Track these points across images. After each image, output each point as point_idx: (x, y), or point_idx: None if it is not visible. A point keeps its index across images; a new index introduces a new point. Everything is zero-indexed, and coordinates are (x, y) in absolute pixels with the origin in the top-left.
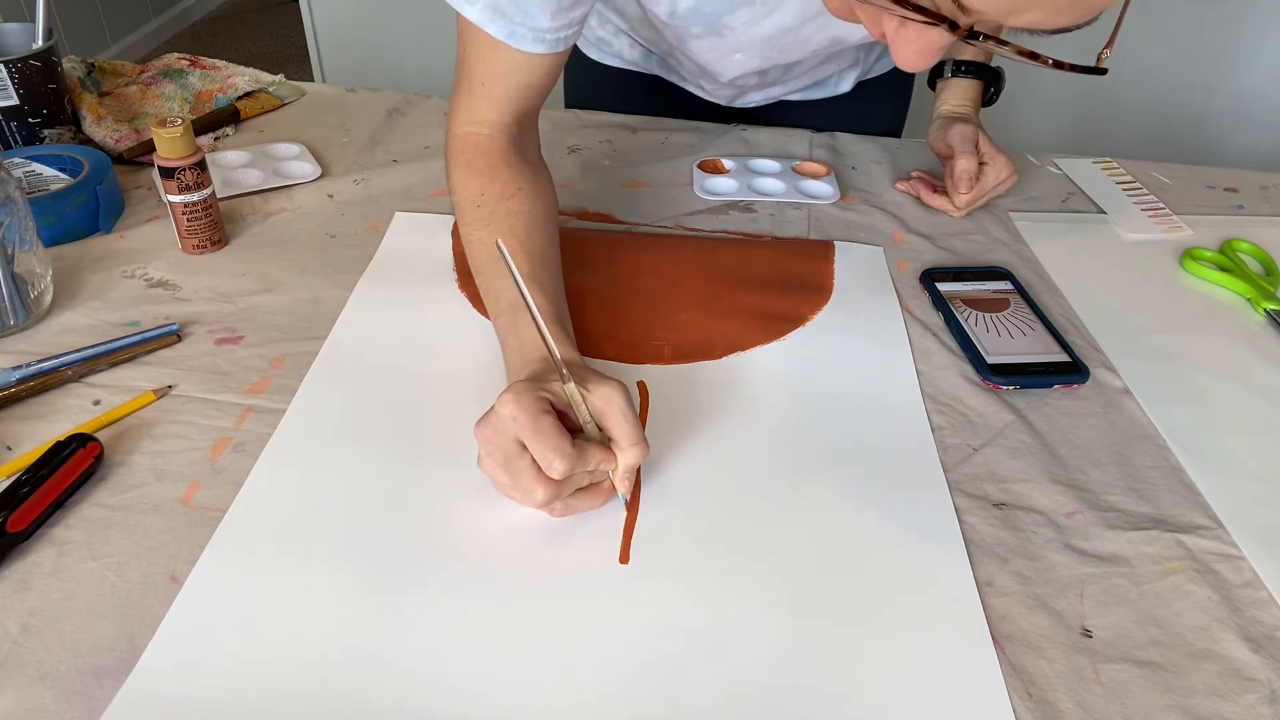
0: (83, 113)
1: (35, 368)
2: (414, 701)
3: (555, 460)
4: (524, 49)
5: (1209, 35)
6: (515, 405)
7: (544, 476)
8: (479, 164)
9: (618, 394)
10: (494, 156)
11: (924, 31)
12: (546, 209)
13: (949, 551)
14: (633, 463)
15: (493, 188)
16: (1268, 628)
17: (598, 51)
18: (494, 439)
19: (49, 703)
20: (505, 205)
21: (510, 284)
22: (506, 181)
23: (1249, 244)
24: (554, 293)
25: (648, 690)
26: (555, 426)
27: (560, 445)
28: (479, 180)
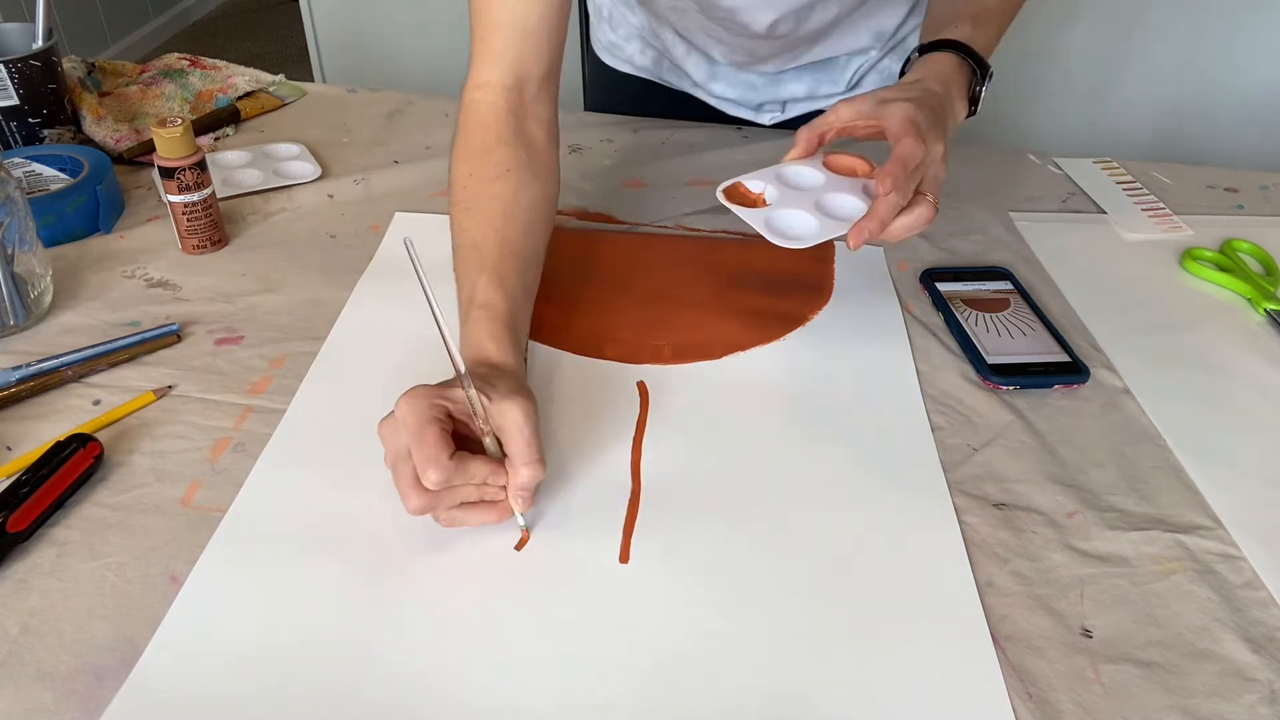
0: (83, 113)
1: (35, 368)
2: (414, 701)
3: (429, 470)
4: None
5: (1210, 35)
6: (407, 409)
7: (419, 485)
8: (474, 139)
9: (518, 409)
10: (490, 131)
11: None
12: (534, 196)
13: (949, 552)
14: (524, 482)
15: (481, 168)
16: (1268, 628)
17: (610, 56)
18: (388, 439)
19: (49, 703)
20: (490, 188)
21: (472, 276)
22: (496, 162)
23: (1249, 244)
24: (516, 288)
25: (647, 690)
26: (438, 436)
27: (436, 456)
28: (471, 159)
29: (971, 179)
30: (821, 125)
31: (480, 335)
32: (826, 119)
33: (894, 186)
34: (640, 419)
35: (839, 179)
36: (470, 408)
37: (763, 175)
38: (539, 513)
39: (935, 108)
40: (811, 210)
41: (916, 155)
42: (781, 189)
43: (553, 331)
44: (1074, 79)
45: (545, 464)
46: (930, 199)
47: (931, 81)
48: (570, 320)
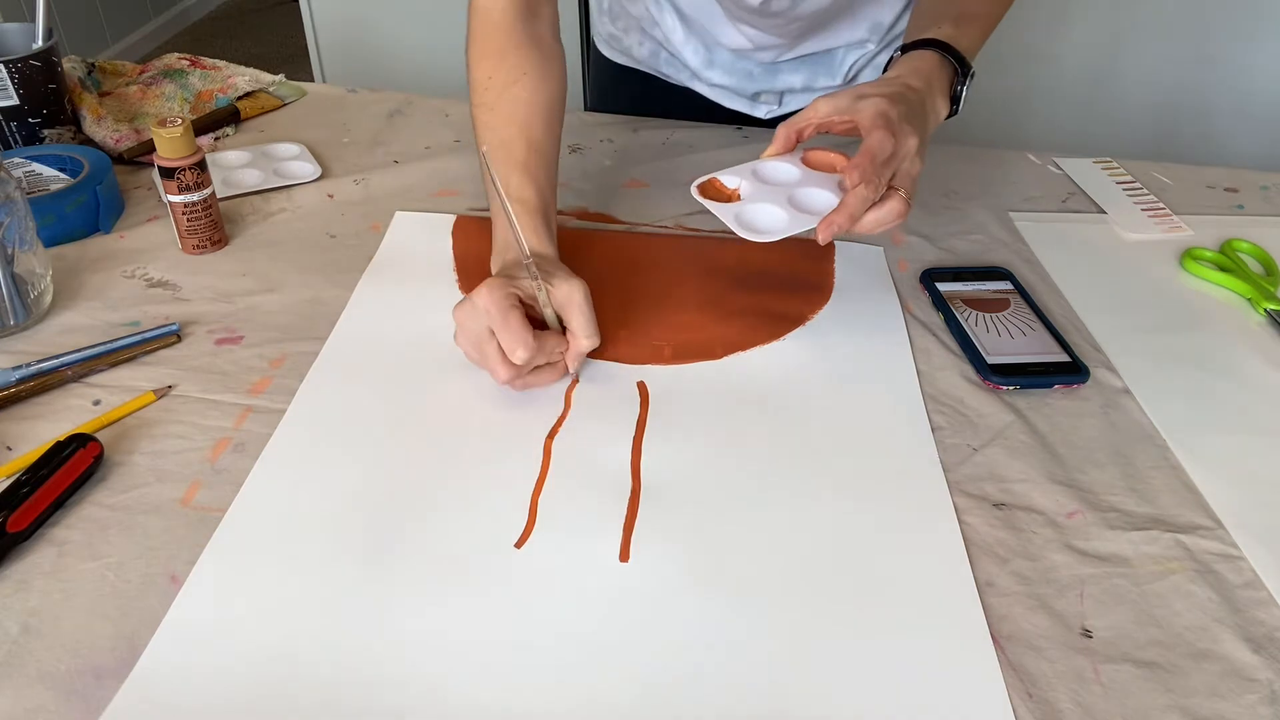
0: (83, 113)
1: (35, 368)
2: (414, 700)
3: (519, 349)
4: None
5: (1209, 35)
6: (489, 298)
7: (508, 360)
8: (490, 44)
9: (578, 291)
10: (503, 36)
11: None
12: (550, 95)
13: (949, 551)
14: (584, 350)
15: (499, 71)
16: (1268, 628)
17: (609, 49)
18: (468, 323)
19: (49, 703)
20: (510, 91)
21: (504, 172)
22: (513, 66)
23: (1249, 244)
24: (545, 184)
25: (647, 688)
26: (521, 321)
27: (524, 338)
28: (488, 61)
29: (971, 179)
30: (799, 121)
31: (524, 228)
32: (805, 115)
33: (862, 179)
34: (640, 419)
35: (815, 174)
36: (536, 295)
37: (739, 171)
38: (539, 512)
39: (912, 103)
40: (783, 205)
41: (885, 148)
42: (756, 184)
43: None
44: (1074, 79)
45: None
46: (902, 194)
47: (911, 78)
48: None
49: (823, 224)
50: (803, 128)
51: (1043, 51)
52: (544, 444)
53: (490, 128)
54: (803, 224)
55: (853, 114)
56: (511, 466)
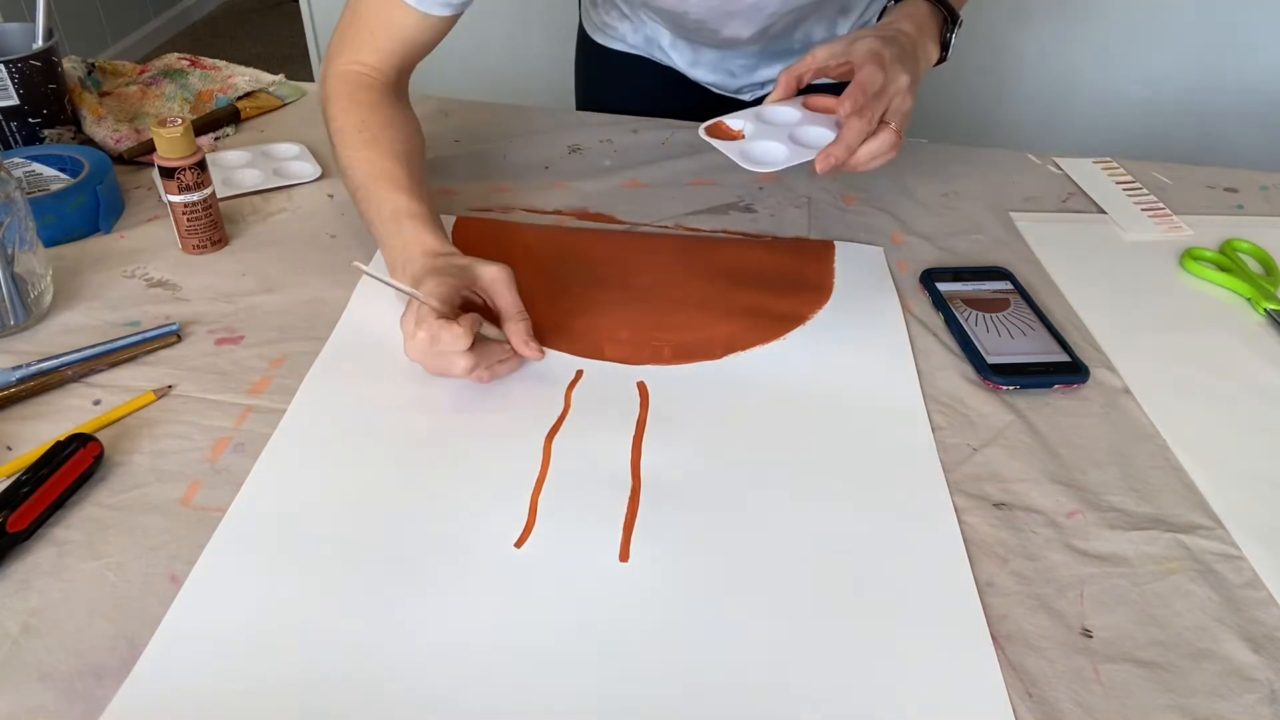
0: (83, 113)
1: (35, 368)
2: (413, 700)
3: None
4: (433, 13)
5: (1209, 35)
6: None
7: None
8: (361, 97)
9: (502, 275)
10: (375, 93)
11: None
12: (418, 145)
13: (949, 551)
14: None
15: (375, 117)
16: (1268, 628)
17: (602, 35)
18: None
19: (49, 703)
20: (387, 132)
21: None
22: (387, 116)
23: (1249, 244)
24: (429, 200)
25: (647, 688)
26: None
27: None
28: (362, 110)
29: (971, 179)
30: (799, 68)
31: (423, 235)
32: (804, 61)
33: (853, 109)
34: (640, 419)
35: (815, 115)
36: None
37: (743, 115)
38: (539, 510)
39: (904, 45)
40: (784, 141)
41: (875, 80)
42: (759, 125)
43: (553, 331)
44: (1074, 78)
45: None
46: (894, 126)
47: (903, 23)
48: (570, 320)
49: (821, 155)
50: (802, 73)
51: (1043, 52)
52: (544, 444)
53: (369, 161)
54: (802, 155)
55: (848, 55)
56: (511, 466)
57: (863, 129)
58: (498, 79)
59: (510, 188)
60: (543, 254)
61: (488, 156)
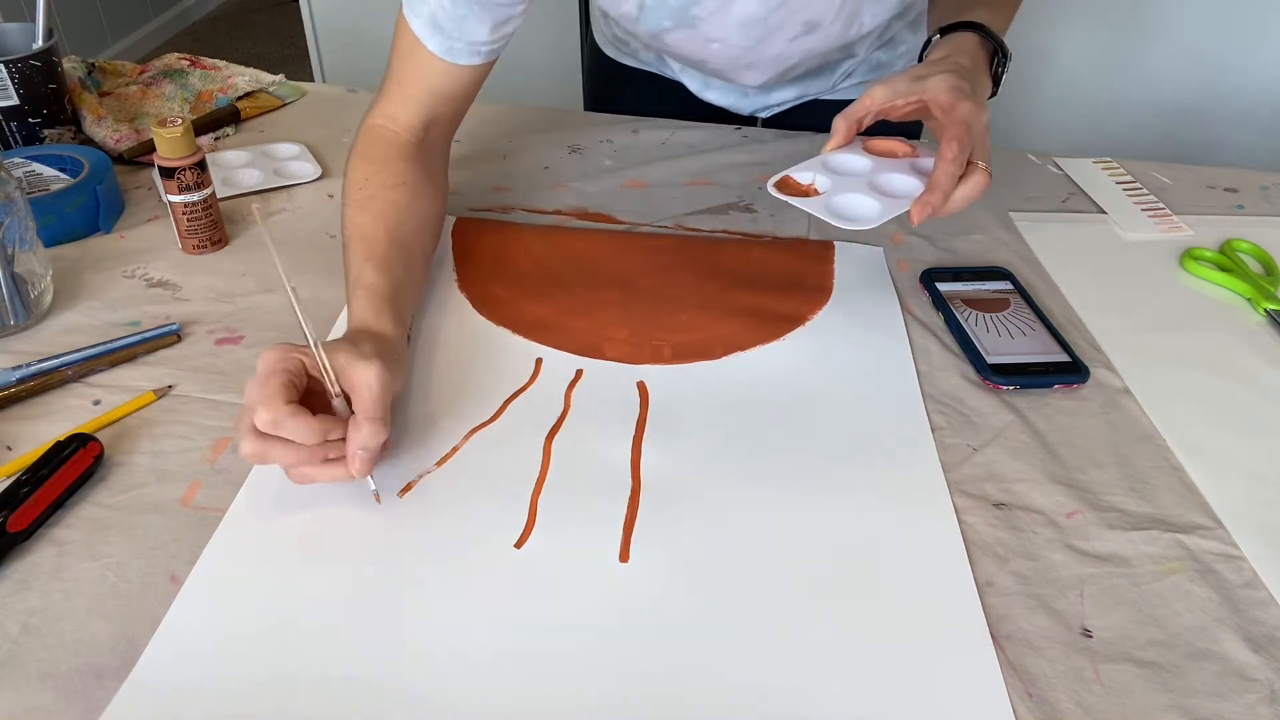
0: (83, 113)
1: (35, 368)
2: (413, 700)
3: (260, 409)
4: (460, 63)
5: (1209, 35)
6: (262, 360)
7: (253, 428)
8: (375, 152)
9: (371, 371)
10: (392, 150)
11: None
12: (425, 210)
13: (949, 551)
14: (365, 440)
15: (379, 175)
16: (1268, 628)
17: (614, 50)
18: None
19: (49, 703)
20: (386, 193)
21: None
22: (395, 173)
23: (1249, 244)
24: (400, 275)
25: (647, 689)
26: (279, 384)
27: (272, 400)
28: (369, 165)
29: None
30: (859, 110)
31: (363, 308)
32: (862, 103)
33: (961, 150)
34: (640, 419)
35: (886, 160)
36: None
37: (809, 166)
38: (538, 512)
39: (971, 78)
40: (868, 192)
41: (979, 118)
42: (831, 176)
43: (553, 332)
44: (1074, 79)
45: (388, 428)
46: (983, 166)
47: (960, 57)
48: (570, 320)
49: (918, 204)
50: (861, 116)
51: (1043, 52)
52: (544, 444)
53: (356, 224)
54: (895, 208)
55: (918, 94)
56: (511, 466)
57: (955, 173)
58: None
59: (510, 188)
60: (543, 254)
61: (488, 156)
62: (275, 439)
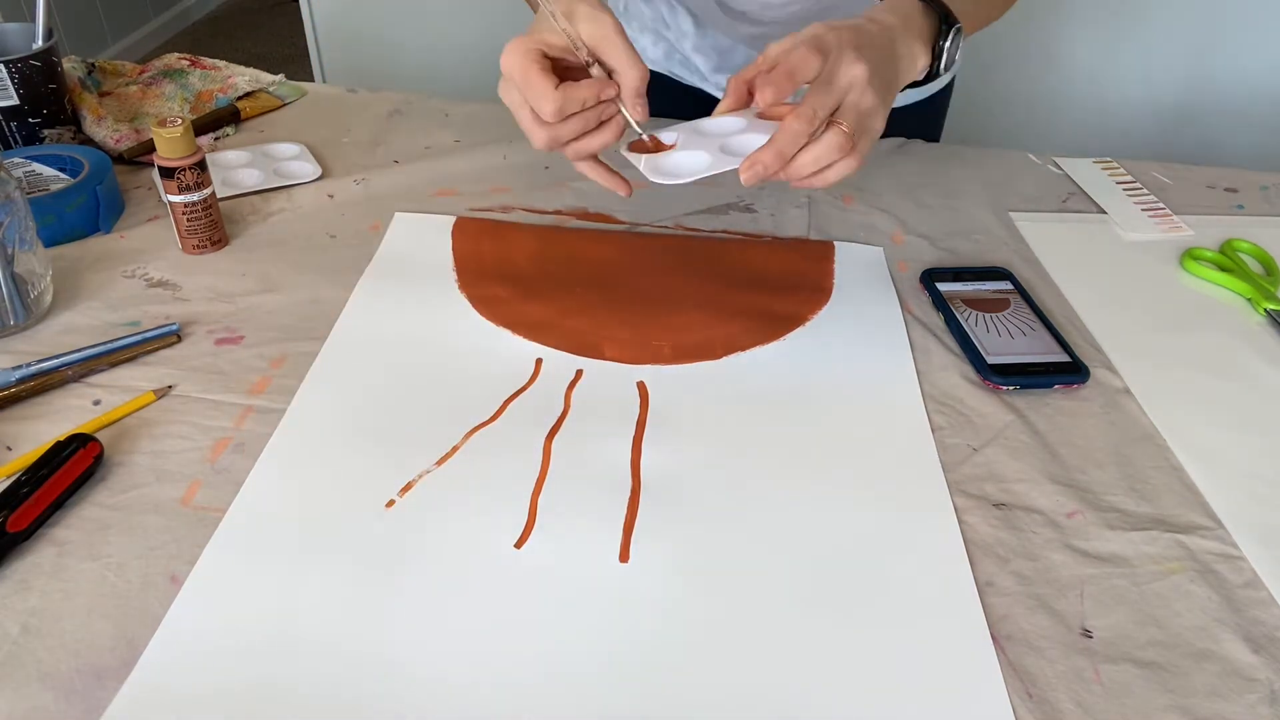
0: (83, 113)
1: (35, 368)
2: (413, 700)
3: (542, 104)
4: None
5: (1210, 35)
6: (509, 60)
7: (539, 121)
8: None
9: (607, 23)
10: None
11: None
12: None
13: (949, 551)
14: (634, 84)
15: None
16: (1268, 628)
17: None
18: (507, 96)
19: (49, 703)
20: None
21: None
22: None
23: (1249, 244)
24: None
25: (647, 689)
26: (540, 74)
27: (544, 90)
28: None
29: (971, 179)
30: (749, 71)
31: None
32: (754, 64)
33: (775, 96)
34: (640, 419)
35: (759, 122)
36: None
37: (681, 126)
38: (538, 511)
39: (871, 34)
40: (712, 151)
41: (807, 65)
42: (691, 136)
43: (553, 332)
44: (1074, 79)
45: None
46: (844, 127)
47: (881, 14)
48: (570, 320)
49: (744, 164)
50: (752, 77)
51: (1044, 51)
52: (544, 444)
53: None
54: (724, 165)
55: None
56: (511, 466)
57: (799, 130)
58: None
59: (510, 188)
60: (543, 254)
61: (488, 156)
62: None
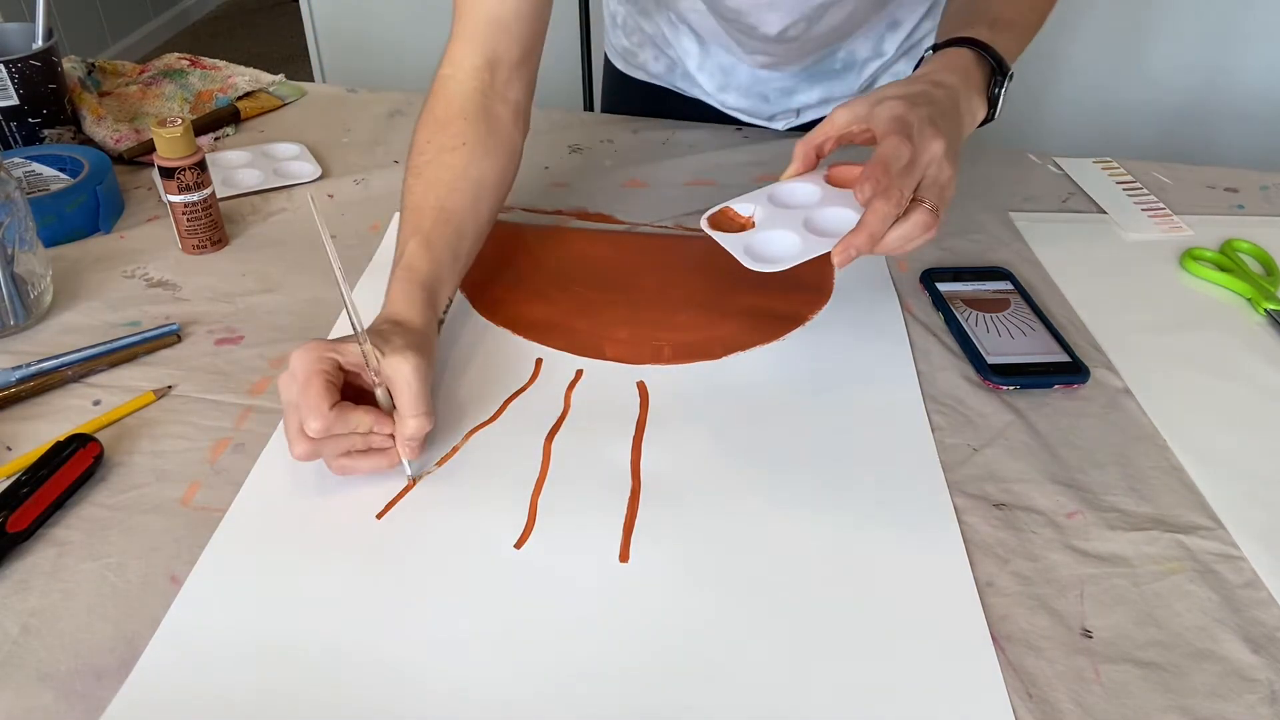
0: (83, 113)
1: (35, 368)
2: (413, 700)
3: (310, 419)
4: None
5: (1209, 35)
6: (299, 360)
7: (303, 432)
8: (438, 110)
9: (408, 364)
10: (454, 105)
11: None
12: (486, 169)
13: (949, 552)
14: (412, 432)
15: (439, 137)
16: (1268, 628)
17: (624, 63)
18: (283, 390)
19: (49, 703)
20: (443, 157)
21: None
22: (455, 133)
23: (1249, 244)
24: (443, 255)
25: (646, 689)
26: (321, 388)
27: (318, 406)
28: (431, 127)
29: (971, 179)
30: (819, 136)
31: (397, 295)
32: (822, 128)
33: (874, 191)
34: (640, 419)
35: (838, 192)
36: (364, 360)
37: (754, 197)
38: (538, 513)
39: (939, 103)
40: (798, 229)
41: (901, 156)
42: (771, 210)
43: (554, 332)
44: (1074, 79)
45: (433, 417)
46: (928, 205)
47: (942, 74)
48: (570, 320)
49: (838, 247)
50: (821, 142)
51: (1044, 52)
52: (544, 444)
53: (410, 192)
54: (818, 248)
55: (870, 121)
56: (511, 466)
57: (888, 212)
58: None
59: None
60: (543, 254)
61: None
62: (326, 439)
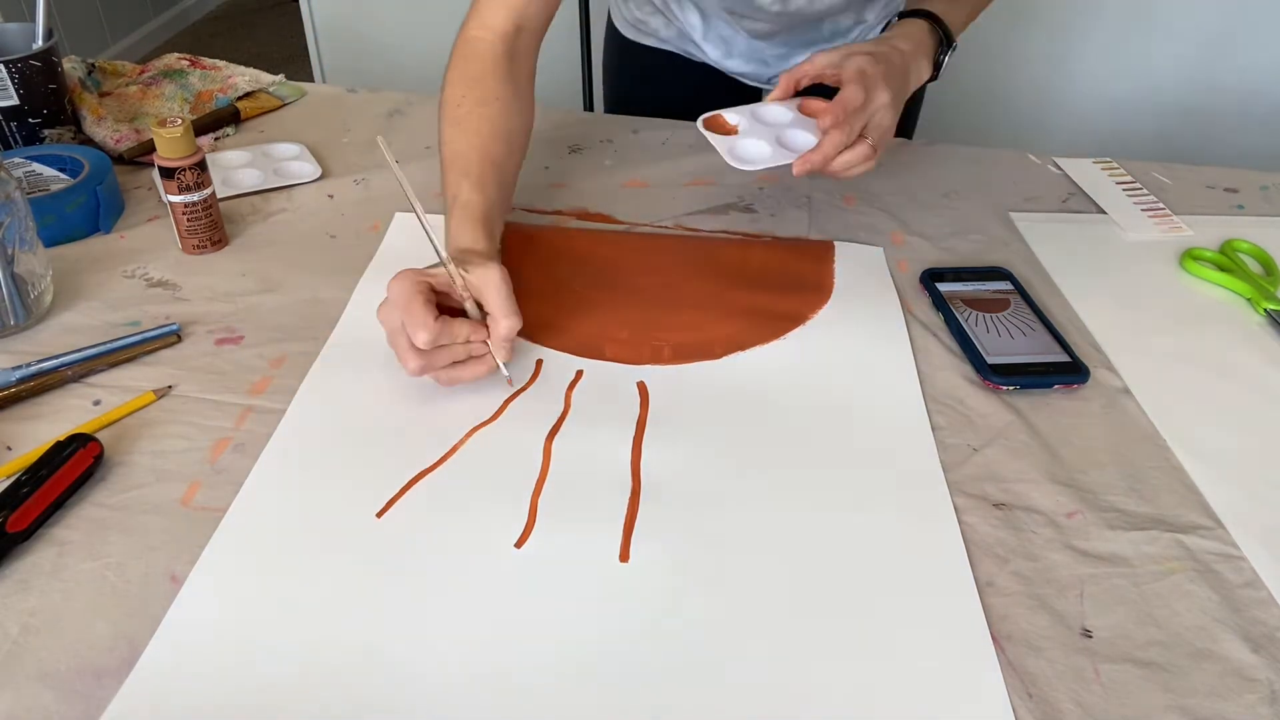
0: (83, 113)
1: (35, 368)
2: (413, 700)
3: (418, 332)
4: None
5: (1209, 35)
6: (396, 286)
7: (414, 348)
8: (471, 69)
9: (494, 272)
10: (486, 65)
11: None
12: (514, 124)
13: (949, 551)
14: (504, 333)
15: (474, 92)
16: (1268, 628)
17: (634, 32)
18: (385, 318)
19: (49, 703)
20: (480, 110)
21: (455, 181)
22: (487, 90)
23: (1249, 244)
24: (494, 195)
25: (647, 689)
26: (423, 305)
27: (424, 320)
28: (463, 84)
29: (971, 179)
30: (798, 72)
31: (462, 228)
32: (803, 66)
33: (832, 123)
34: (640, 419)
35: (805, 119)
36: (450, 278)
37: (741, 110)
38: (539, 510)
39: (894, 63)
40: (771, 142)
41: (855, 99)
42: (752, 122)
43: (553, 331)
44: (1074, 79)
45: (520, 317)
46: (870, 141)
47: (900, 41)
48: (570, 320)
49: (799, 160)
50: (800, 77)
51: (1044, 52)
52: (544, 444)
53: (451, 141)
54: (783, 158)
55: (839, 69)
56: (511, 466)
57: (840, 141)
58: None
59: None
60: (543, 254)
61: None
62: (434, 351)
